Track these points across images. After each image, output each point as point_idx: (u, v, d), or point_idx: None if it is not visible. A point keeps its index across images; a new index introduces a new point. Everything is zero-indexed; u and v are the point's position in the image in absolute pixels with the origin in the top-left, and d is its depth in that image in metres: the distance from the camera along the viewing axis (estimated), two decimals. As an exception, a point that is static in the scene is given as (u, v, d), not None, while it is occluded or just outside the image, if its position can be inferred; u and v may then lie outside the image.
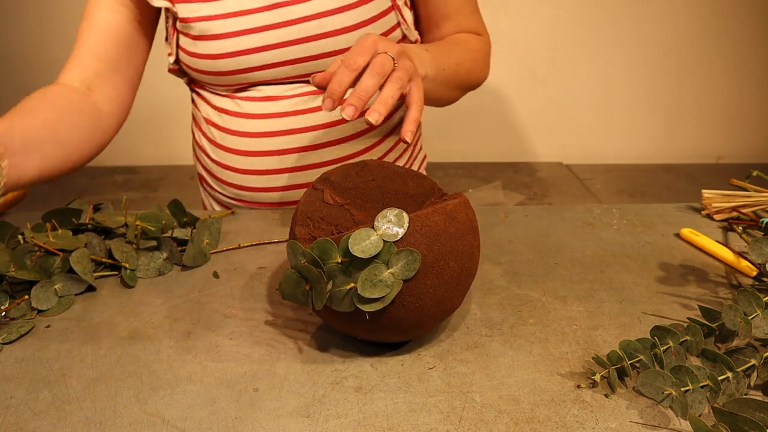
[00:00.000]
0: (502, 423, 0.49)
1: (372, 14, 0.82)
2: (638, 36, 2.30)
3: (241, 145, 0.87)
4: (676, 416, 0.49)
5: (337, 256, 0.51)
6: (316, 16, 0.80)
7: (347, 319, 0.53)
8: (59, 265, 0.67)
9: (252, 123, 0.86)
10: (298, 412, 0.50)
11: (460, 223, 0.54)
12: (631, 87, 2.40)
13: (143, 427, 0.48)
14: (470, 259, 0.55)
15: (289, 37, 0.81)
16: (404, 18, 0.86)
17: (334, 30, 0.80)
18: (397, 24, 0.85)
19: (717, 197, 0.84)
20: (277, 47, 0.81)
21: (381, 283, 0.50)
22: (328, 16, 0.80)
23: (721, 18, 2.34)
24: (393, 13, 0.84)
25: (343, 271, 0.51)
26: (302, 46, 0.81)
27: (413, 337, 0.57)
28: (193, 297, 0.66)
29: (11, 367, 0.55)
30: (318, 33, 0.81)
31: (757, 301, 0.56)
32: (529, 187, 2.25)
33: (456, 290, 0.54)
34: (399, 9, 0.84)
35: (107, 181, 2.31)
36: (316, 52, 0.82)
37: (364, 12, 0.81)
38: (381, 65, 0.62)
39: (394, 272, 0.51)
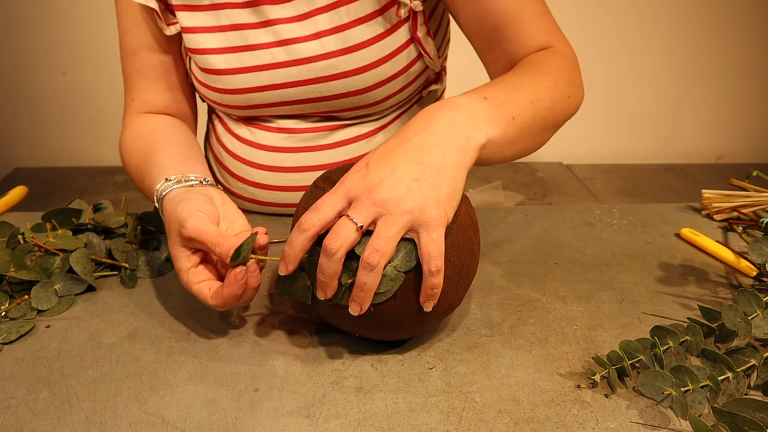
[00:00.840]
0: (502, 423, 0.49)
1: (387, 52, 0.74)
2: (638, 36, 2.30)
3: (252, 175, 0.84)
4: (676, 416, 0.49)
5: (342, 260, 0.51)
6: (326, 56, 0.73)
7: (348, 315, 0.53)
8: (59, 265, 0.67)
9: (264, 155, 0.82)
10: (298, 412, 0.50)
11: (460, 219, 0.55)
12: (631, 87, 2.40)
13: (143, 427, 0.48)
14: (470, 255, 0.55)
15: (298, 77, 0.75)
16: (426, 50, 0.76)
17: (346, 71, 0.74)
18: (417, 57, 0.77)
19: (717, 197, 0.84)
20: (286, 86, 0.76)
21: (385, 277, 0.50)
22: (339, 57, 0.73)
23: (722, 18, 2.34)
24: (412, 46, 0.75)
25: (345, 266, 0.51)
26: (313, 86, 0.76)
27: (414, 334, 0.57)
28: (193, 297, 0.66)
29: (11, 367, 0.55)
30: (329, 74, 0.74)
31: (757, 301, 0.56)
32: (529, 187, 2.25)
33: (457, 286, 0.54)
34: (420, 41, 0.75)
35: (107, 181, 2.31)
36: (327, 93, 0.76)
37: (378, 51, 0.73)
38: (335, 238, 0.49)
39: (395, 265, 0.51)
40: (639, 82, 2.39)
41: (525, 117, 0.61)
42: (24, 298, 0.63)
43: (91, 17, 2.25)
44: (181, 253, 0.58)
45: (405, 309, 0.52)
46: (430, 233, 0.50)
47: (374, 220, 0.50)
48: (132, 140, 0.79)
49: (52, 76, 2.35)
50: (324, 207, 0.51)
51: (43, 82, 2.36)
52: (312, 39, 0.73)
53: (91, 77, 2.33)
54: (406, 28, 0.74)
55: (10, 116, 2.41)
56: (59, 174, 2.39)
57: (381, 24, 0.73)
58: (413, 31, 0.74)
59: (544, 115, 0.64)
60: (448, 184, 0.52)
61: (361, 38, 0.73)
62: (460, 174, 0.53)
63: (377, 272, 0.49)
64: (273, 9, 0.73)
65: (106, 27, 2.36)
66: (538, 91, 0.63)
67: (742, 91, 2.48)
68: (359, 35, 0.73)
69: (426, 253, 0.50)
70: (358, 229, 0.50)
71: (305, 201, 0.59)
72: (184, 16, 0.76)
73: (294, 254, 0.51)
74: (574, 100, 0.69)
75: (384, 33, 0.73)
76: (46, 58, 2.32)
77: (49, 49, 2.30)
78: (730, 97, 2.48)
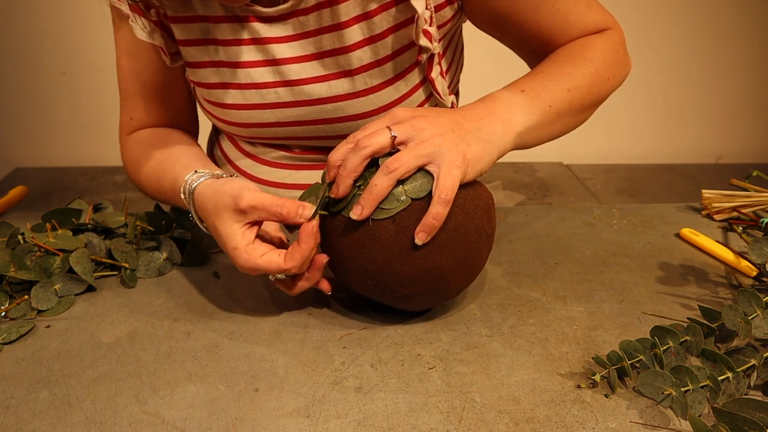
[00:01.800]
0: (502, 423, 0.49)
1: (398, 96, 0.72)
2: (638, 36, 2.30)
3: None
4: (676, 416, 0.49)
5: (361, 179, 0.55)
6: (333, 99, 0.71)
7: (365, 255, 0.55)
8: (59, 265, 0.67)
9: (265, 170, 0.81)
10: (298, 412, 0.50)
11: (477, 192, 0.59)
12: (631, 87, 2.39)
13: (143, 427, 0.48)
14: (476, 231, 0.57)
15: (304, 117, 0.73)
16: (437, 90, 0.74)
17: (353, 114, 0.72)
18: (428, 97, 0.75)
19: (717, 197, 0.84)
20: (292, 125, 0.74)
21: (393, 196, 0.54)
22: (346, 101, 0.71)
23: (722, 18, 2.34)
24: (422, 88, 0.74)
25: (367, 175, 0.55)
26: (319, 126, 0.74)
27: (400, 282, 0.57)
28: (193, 297, 0.66)
29: (11, 367, 0.55)
30: (336, 116, 0.72)
31: (757, 301, 0.56)
32: (529, 187, 2.25)
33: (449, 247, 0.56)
34: (432, 82, 0.73)
35: (107, 181, 2.31)
36: (333, 133, 0.74)
37: (388, 95, 0.71)
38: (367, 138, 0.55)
39: (407, 189, 0.54)
40: (639, 82, 2.39)
41: (562, 104, 0.65)
42: (24, 298, 0.63)
43: (91, 17, 2.25)
44: (235, 230, 0.58)
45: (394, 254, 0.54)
46: (451, 169, 0.54)
47: (407, 140, 0.55)
48: (143, 144, 0.78)
49: (52, 76, 2.35)
50: (374, 127, 0.56)
51: (43, 82, 2.36)
52: (320, 81, 0.71)
53: (91, 77, 2.33)
54: (420, 71, 0.72)
55: (10, 116, 2.41)
56: (59, 174, 2.39)
57: (393, 69, 0.71)
58: (428, 72, 0.73)
59: (581, 100, 0.67)
60: (478, 147, 0.57)
61: (371, 83, 0.71)
62: (491, 149, 0.59)
63: (391, 179, 0.53)
64: (279, 48, 0.70)
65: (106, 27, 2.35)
66: (576, 78, 0.67)
67: (742, 91, 2.48)
68: (369, 81, 0.70)
69: (442, 183, 0.53)
70: (392, 138, 0.55)
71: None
72: (189, 50, 0.73)
73: (348, 173, 0.55)
74: (616, 79, 0.72)
75: (395, 77, 0.71)
76: (46, 58, 2.32)
77: (49, 49, 2.30)
78: (730, 97, 2.48)
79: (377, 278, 0.56)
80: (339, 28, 0.68)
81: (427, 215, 0.53)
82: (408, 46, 0.70)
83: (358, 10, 0.67)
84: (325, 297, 0.66)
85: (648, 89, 2.42)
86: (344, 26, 0.68)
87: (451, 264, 0.56)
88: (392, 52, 0.70)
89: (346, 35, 0.68)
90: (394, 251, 0.55)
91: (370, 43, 0.69)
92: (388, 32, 0.68)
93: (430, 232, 0.54)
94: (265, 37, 0.70)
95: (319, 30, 0.68)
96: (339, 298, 0.65)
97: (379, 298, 0.60)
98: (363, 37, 0.68)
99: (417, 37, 0.68)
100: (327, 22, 0.68)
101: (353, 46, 0.69)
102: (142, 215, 0.75)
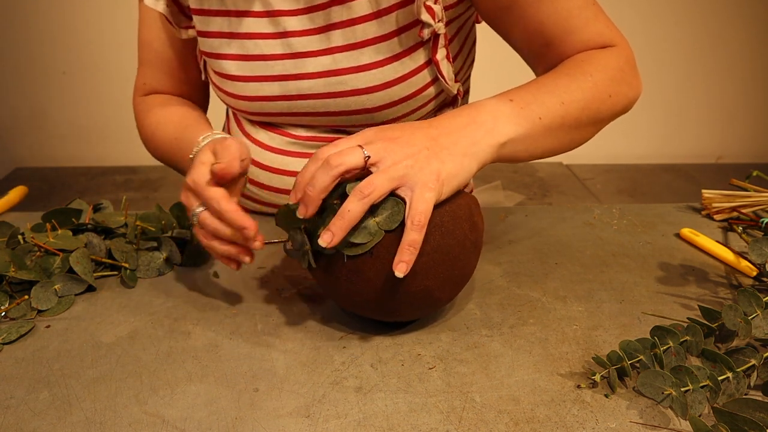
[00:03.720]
0: (502, 423, 0.49)
1: (401, 73, 0.72)
2: (638, 36, 2.30)
3: (256, 174, 0.83)
4: (676, 416, 0.50)
5: (336, 197, 0.53)
6: (337, 72, 0.72)
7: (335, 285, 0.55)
8: (59, 265, 0.67)
9: (269, 156, 0.82)
10: (298, 412, 0.50)
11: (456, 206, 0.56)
12: (631, 87, 2.40)
13: (143, 427, 0.48)
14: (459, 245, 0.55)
15: (309, 90, 0.74)
16: (442, 73, 0.73)
17: (357, 89, 0.72)
18: (433, 80, 0.74)
19: (717, 197, 0.84)
20: (298, 99, 0.75)
21: (365, 229, 0.52)
22: (350, 74, 0.72)
23: (722, 18, 2.34)
24: (428, 69, 0.73)
25: (334, 211, 0.52)
26: (323, 101, 0.74)
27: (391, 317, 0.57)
28: (193, 297, 0.66)
29: (11, 367, 0.55)
30: (339, 90, 0.73)
31: (757, 301, 0.56)
32: (529, 187, 2.25)
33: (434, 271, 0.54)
34: (437, 64, 0.73)
35: (107, 181, 2.31)
36: (336, 109, 0.75)
37: (391, 72, 0.72)
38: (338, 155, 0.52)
39: (378, 221, 0.52)
40: (639, 82, 2.39)
41: (554, 117, 0.62)
42: (24, 298, 0.63)
43: (91, 17, 2.25)
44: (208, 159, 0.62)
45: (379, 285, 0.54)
46: (423, 192, 0.52)
47: (378, 162, 0.53)
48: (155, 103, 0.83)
49: (52, 76, 2.35)
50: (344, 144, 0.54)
51: (43, 82, 2.36)
52: (325, 54, 0.72)
53: (91, 77, 2.33)
54: (425, 50, 0.72)
55: (10, 116, 2.41)
56: (59, 174, 2.39)
57: (398, 45, 0.71)
58: (433, 53, 0.72)
59: (577, 115, 0.64)
60: (453, 164, 0.55)
61: (375, 58, 0.71)
62: (468, 162, 0.56)
63: (365, 204, 0.51)
64: (290, 21, 0.72)
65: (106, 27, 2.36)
66: (573, 91, 0.64)
67: (742, 91, 2.48)
68: (373, 55, 0.71)
69: (414, 208, 0.52)
70: (365, 159, 0.53)
71: None
72: (200, 20, 0.76)
73: (317, 193, 0.52)
74: (619, 98, 0.68)
75: (400, 54, 0.71)
76: (46, 58, 2.32)
77: (49, 49, 2.30)
78: (730, 97, 2.48)
79: (366, 308, 0.57)
80: (348, 0, 0.69)
81: (402, 244, 0.51)
82: (414, 23, 0.71)
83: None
84: (325, 297, 0.66)
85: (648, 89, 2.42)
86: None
87: (437, 283, 0.55)
88: (397, 28, 0.70)
89: (354, 8, 0.70)
90: (377, 284, 0.54)
91: (377, 17, 0.70)
92: (394, 7, 0.69)
93: (408, 261, 0.51)
94: (276, 9, 0.72)
95: (330, 2, 0.70)
96: (339, 298, 0.65)
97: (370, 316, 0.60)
98: (370, 11, 0.70)
99: (418, 12, 0.68)
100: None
101: (360, 19, 0.70)
102: (142, 215, 0.75)
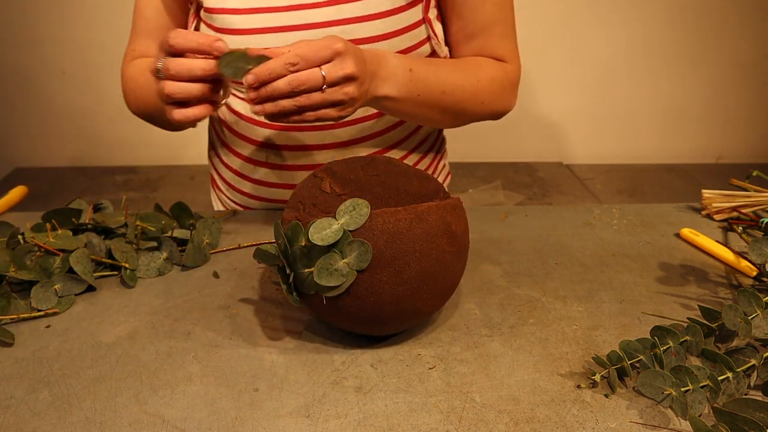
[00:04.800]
0: (502, 423, 0.49)
1: (400, 26, 0.77)
2: (638, 36, 2.30)
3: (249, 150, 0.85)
4: (676, 416, 0.50)
5: (303, 239, 0.53)
6: (341, 22, 0.75)
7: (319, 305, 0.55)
8: (59, 265, 0.67)
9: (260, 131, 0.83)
10: (298, 412, 0.50)
11: (429, 225, 0.54)
12: (631, 87, 2.40)
13: (143, 427, 0.48)
14: (439, 263, 0.54)
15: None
16: (435, 33, 0.80)
17: (359, 39, 0.76)
18: (427, 38, 0.80)
19: (717, 197, 0.84)
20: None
21: (337, 272, 0.52)
22: (353, 24, 0.75)
23: (722, 18, 2.34)
24: (423, 26, 0.79)
25: (305, 255, 0.53)
26: None
27: (376, 332, 0.58)
28: (193, 297, 0.66)
29: (11, 367, 0.55)
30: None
31: (757, 301, 0.56)
32: (529, 187, 2.25)
33: (417, 292, 0.54)
34: (430, 23, 0.79)
35: (107, 181, 2.31)
36: None
37: (392, 23, 0.76)
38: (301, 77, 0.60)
39: (348, 262, 0.52)
40: (639, 82, 2.39)
41: (429, 99, 0.75)
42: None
43: (91, 17, 2.25)
44: None
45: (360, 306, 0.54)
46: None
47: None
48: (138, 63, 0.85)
49: (52, 76, 2.35)
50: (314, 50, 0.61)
51: (43, 82, 2.36)
52: (329, 5, 0.75)
53: (91, 77, 2.33)
54: (420, 8, 0.78)
55: (10, 116, 2.41)
56: (59, 174, 2.39)
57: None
58: (425, 11, 0.78)
59: (447, 106, 0.77)
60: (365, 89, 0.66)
61: (381, 8, 0.75)
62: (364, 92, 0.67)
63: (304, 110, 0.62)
64: None
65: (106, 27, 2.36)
66: (455, 87, 0.77)
67: (742, 91, 2.47)
68: (379, 5, 0.75)
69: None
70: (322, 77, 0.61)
71: (301, 187, 0.60)
72: None
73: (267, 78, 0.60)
74: (490, 108, 0.82)
75: (403, 6, 0.76)
76: (46, 58, 2.32)
77: (49, 49, 2.30)
78: (730, 97, 2.48)
79: (355, 332, 0.58)
80: None
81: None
82: None
83: None
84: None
85: (648, 89, 2.42)
86: None
87: (421, 301, 0.55)
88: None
89: None
90: (361, 318, 0.55)
91: None
92: None
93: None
94: None
95: None
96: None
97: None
98: None
99: None
100: None
101: None
102: (142, 215, 0.75)
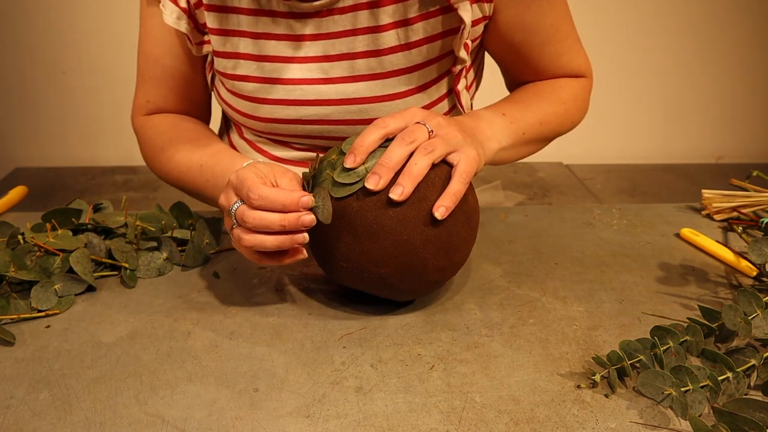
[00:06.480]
0: (502, 423, 0.49)
1: (423, 104, 0.74)
2: (638, 36, 2.30)
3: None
4: (676, 416, 0.50)
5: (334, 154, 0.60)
6: (360, 100, 0.72)
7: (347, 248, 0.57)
8: (59, 265, 0.67)
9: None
10: (298, 412, 0.50)
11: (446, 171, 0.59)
12: (631, 87, 2.40)
13: (143, 427, 0.48)
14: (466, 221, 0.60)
15: (327, 117, 0.73)
16: (461, 103, 0.77)
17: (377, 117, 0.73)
18: (451, 108, 0.78)
19: (717, 197, 0.84)
20: (314, 123, 0.74)
21: (354, 173, 0.57)
22: (372, 104, 0.72)
23: (722, 18, 2.34)
24: (447, 99, 0.76)
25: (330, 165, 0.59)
26: (341, 127, 0.74)
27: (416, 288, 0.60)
28: (193, 297, 0.66)
29: (11, 367, 0.55)
30: (359, 118, 0.73)
31: (757, 301, 0.56)
32: (529, 187, 2.25)
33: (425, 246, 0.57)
34: (458, 94, 0.76)
35: (107, 181, 2.30)
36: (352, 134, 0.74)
37: (414, 102, 0.73)
38: (410, 133, 0.58)
39: (367, 167, 0.57)
40: (639, 82, 2.38)
41: (532, 134, 0.74)
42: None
43: (91, 17, 2.25)
44: None
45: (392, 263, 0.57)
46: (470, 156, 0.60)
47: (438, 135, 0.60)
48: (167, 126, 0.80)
49: (52, 76, 2.35)
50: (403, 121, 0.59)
51: (43, 82, 2.36)
52: (347, 82, 0.72)
53: (91, 77, 2.33)
54: (448, 80, 0.75)
55: (10, 116, 2.41)
56: (59, 174, 2.39)
57: (424, 76, 0.72)
58: (455, 83, 0.75)
59: (547, 134, 0.77)
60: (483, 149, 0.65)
61: (400, 89, 0.72)
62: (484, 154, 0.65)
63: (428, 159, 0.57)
64: (314, 45, 0.71)
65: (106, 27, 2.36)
66: (549, 115, 0.75)
67: (742, 91, 2.47)
68: (398, 85, 0.71)
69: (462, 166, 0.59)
70: (429, 133, 0.59)
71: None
72: (218, 40, 0.73)
73: (365, 147, 0.57)
74: (576, 122, 0.81)
75: (426, 85, 0.73)
76: (46, 58, 2.31)
77: (49, 49, 2.30)
78: (730, 97, 2.48)
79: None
80: (375, 31, 0.69)
81: (447, 192, 0.57)
82: (442, 56, 0.71)
83: (398, 16, 0.68)
84: (325, 296, 0.66)
85: (648, 89, 2.42)
86: (381, 30, 0.68)
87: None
88: (425, 61, 0.71)
89: (381, 39, 0.69)
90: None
91: (405, 49, 0.70)
92: (424, 41, 0.69)
93: (449, 207, 0.57)
94: (297, 33, 0.70)
95: (354, 31, 0.69)
96: (338, 297, 0.65)
97: (362, 287, 0.60)
98: (398, 43, 0.69)
99: (458, 48, 0.70)
100: (363, 23, 0.69)
101: (387, 50, 0.70)
102: (142, 215, 0.75)
